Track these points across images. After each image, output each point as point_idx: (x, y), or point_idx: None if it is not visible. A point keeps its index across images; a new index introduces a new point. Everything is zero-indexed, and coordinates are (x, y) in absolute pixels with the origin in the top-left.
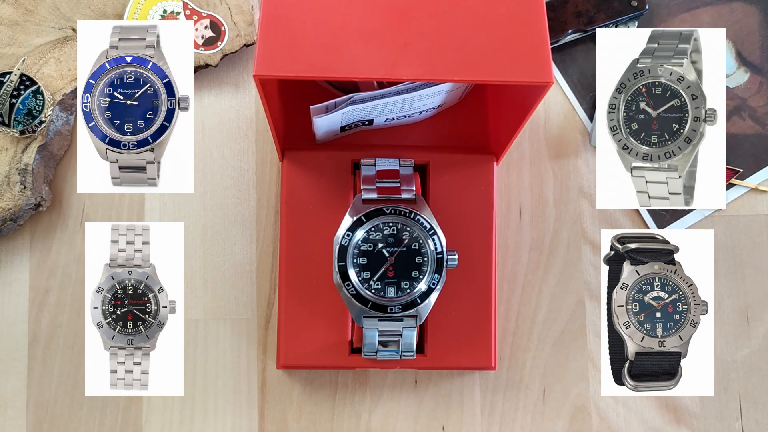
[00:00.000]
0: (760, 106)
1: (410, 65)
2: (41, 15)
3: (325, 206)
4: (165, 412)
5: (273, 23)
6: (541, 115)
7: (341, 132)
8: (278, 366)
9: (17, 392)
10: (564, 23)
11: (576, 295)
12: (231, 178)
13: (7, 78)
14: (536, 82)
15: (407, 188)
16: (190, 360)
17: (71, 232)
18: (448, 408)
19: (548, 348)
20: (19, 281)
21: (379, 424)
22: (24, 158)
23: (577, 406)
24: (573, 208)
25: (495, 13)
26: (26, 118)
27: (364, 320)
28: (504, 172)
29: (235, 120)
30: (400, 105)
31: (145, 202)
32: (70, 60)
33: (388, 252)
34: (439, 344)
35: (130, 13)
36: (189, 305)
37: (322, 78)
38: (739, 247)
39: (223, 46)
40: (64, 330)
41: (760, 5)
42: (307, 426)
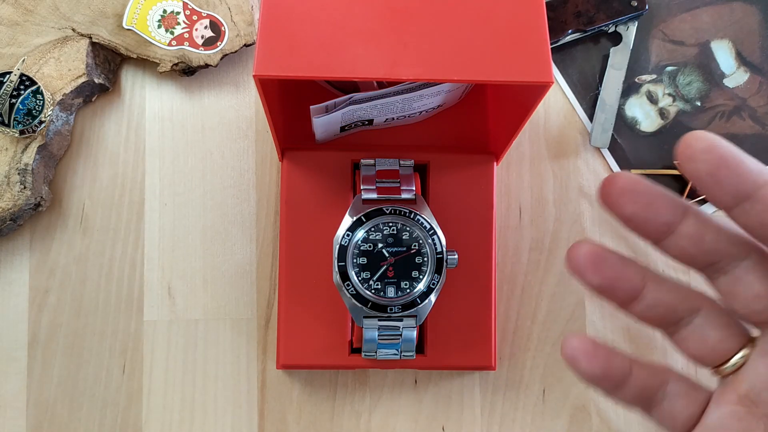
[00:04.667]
0: (760, 106)
1: (410, 65)
2: (41, 15)
3: (324, 206)
4: (165, 412)
5: (273, 23)
6: (541, 115)
7: (341, 132)
8: (278, 366)
9: (17, 392)
10: (564, 23)
11: (576, 295)
12: (231, 178)
13: (7, 78)
14: (536, 82)
15: (407, 188)
16: (190, 360)
17: (71, 232)
18: (448, 408)
19: (548, 348)
20: (19, 281)
21: (379, 424)
22: (24, 158)
23: (577, 406)
24: (573, 208)
25: (495, 13)
26: (26, 118)
27: (364, 320)
28: (504, 172)
29: (235, 120)
30: (400, 105)
31: (145, 202)
32: (70, 60)
33: (388, 252)
34: (439, 344)
35: (130, 14)
36: (189, 305)
37: (322, 78)
38: None
39: (223, 46)
40: (64, 330)
41: (760, 5)
42: (307, 426)
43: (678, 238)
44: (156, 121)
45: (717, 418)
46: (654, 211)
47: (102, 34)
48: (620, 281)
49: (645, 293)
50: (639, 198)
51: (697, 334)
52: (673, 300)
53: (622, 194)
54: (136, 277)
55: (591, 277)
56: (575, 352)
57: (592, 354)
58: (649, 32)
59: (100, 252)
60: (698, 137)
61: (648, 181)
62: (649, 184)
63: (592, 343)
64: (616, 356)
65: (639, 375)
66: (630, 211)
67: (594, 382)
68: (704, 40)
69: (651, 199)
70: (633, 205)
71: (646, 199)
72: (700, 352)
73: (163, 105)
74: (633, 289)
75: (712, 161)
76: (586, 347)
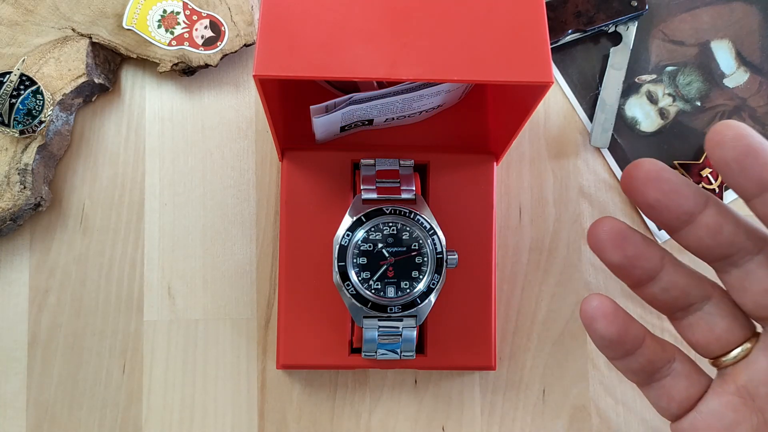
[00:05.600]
0: (760, 106)
1: (410, 65)
2: (41, 15)
3: (324, 206)
4: (165, 412)
5: (273, 23)
6: (541, 115)
7: (341, 132)
8: (278, 366)
9: (17, 392)
10: (564, 23)
11: (576, 295)
12: (231, 178)
13: (7, 78)
14: (536, 82)
15: (407, 188)
16: (190, 360)
17: (71, 232)
18: (448, 408)
19: (548, 348)
20: (19, 281)
21: (379, 424)
22: (24, 158)
23: (577, 406)
24: (573, 208)
25: (495, 13)
26: (26, 118)
27: (364, 320)
28: (504, 172)
29: (235, 120)
30: (400, 105)
31: (145, 202)
32: (70, 60)
33: (388, 252)
34: (439, 344)
35: (130, 14)
36: (189, 305)
37: (322, 78)
38: None
39: (223, 46)
40: (64, 330)
41: (760, 5)
42: (306, 426)
43: (697, 228)
44: (156, 121)
45: (713, 406)
46: (677, 199)
47: (102, 34)
48: (641, 260)
49: (662, 275)
50: (663, 185)
51: (705, 321)
52: (688, 285)
53: (647, 181)
54: (136, 277)
55: (611, 253)
56: (595, 311)
57: (611, 316)
58: (649, 32)
59: (100, 252)
60: (729, 125)
61: (671, 169)
62: (673, 172)
63: (612, 305)
64: (633, 323)
65: (650, 346)
66: (653, 198)
67: (607, 345)
68: (704, 40)
69: (675, 187)
70: (656, 192)
71: (670, 186)
72: (705, 340)
73: (163, 105)
74: (652, 269)
75: (740, 149)
76: (606, 308)
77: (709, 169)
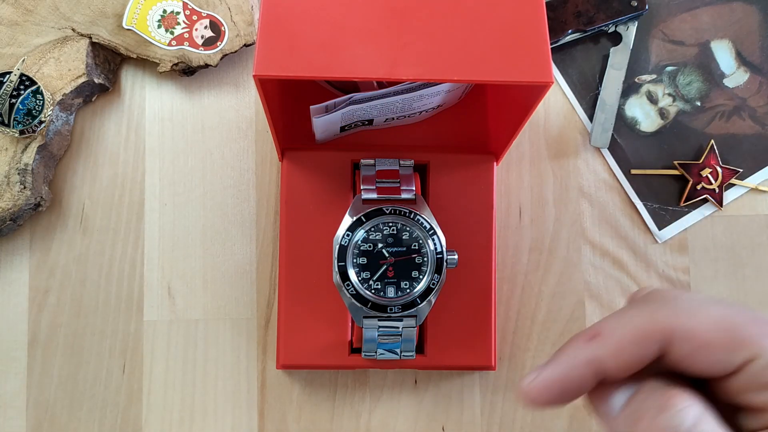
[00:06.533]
0: (760, 106)
1: (410, 65)
2: (41, 15)
3: (324, 206)
4: (165, 412)
5: (273, 23)
6: (541, 115)
7: (341, 132)
8: (278, 366)
9: (17, 392)
10: (564, 23)
11: (576, 295)
12: (231, 178)
13: (7, 78)
14: (536, 82)
15: (407, 188)
16: (190, 360)
17: (71, 232)
18: (448, 408)
19: (548, 348)
20: (19, 281)
21: (379, 424)
22: (24, 158)
23: (577, 406)
24: (573, 208)
25: (495, 13)
26: (26, 118)
27: (364, 320)
28: (504, 172)
29: (235, 120)
30: (399, 105)
31: (145, 202)
32: (69, 60)
33: (388, 252)
34: (439, 344)
35: (130, 14)
36: (189, 305)
37: (322, 78)
38: (739, 248)
39: (223, 46)
40: (64, 330)
41: (760, 5)
42: (306, 426)
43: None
44: (156, 121)
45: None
46: (562, 394)
47: (102, 34)
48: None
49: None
50: (544, 394)
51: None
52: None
53: (533, 400)
54: (136, 277)
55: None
56: (527, 392)
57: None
58: (649, 32)
59: (100, 252)
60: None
61: (541, 373)
62: (546, 378)
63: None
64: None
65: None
66: (549, 403)
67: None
68: (704, 40)
69: (560, 387)
70: (546, 400)
71: (548, 391)
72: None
73: (163, 105)
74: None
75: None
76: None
77: (708, 169)
